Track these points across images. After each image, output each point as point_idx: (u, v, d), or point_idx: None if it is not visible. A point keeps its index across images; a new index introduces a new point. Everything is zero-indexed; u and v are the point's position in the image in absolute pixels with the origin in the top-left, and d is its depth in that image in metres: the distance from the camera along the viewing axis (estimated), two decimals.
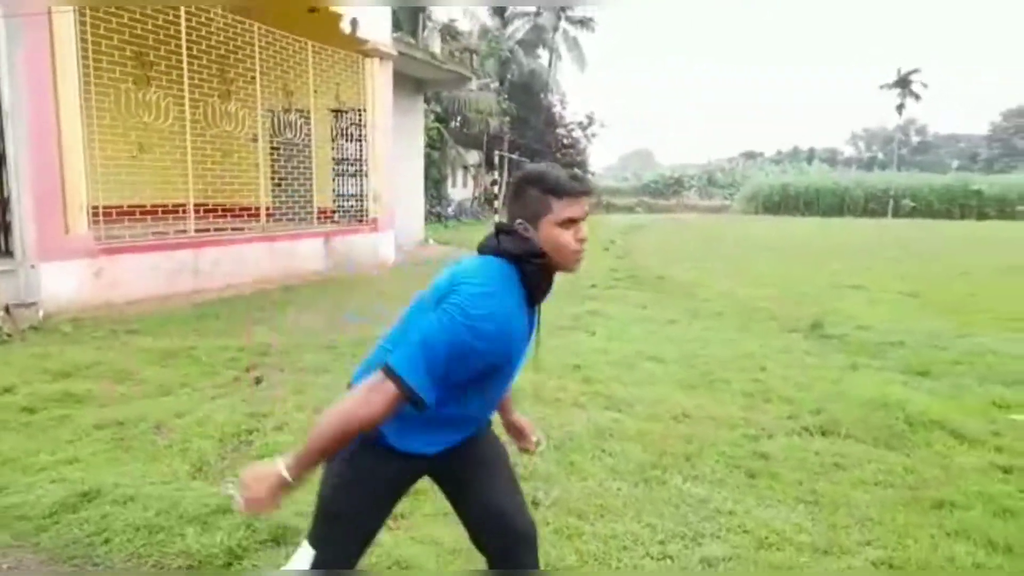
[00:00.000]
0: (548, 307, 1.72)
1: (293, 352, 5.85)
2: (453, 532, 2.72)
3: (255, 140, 9.65)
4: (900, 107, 48.37)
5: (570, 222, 1.57)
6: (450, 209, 27.24)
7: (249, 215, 9.38)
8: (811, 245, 17.49)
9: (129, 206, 7.73)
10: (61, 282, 6.66)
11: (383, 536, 2.68)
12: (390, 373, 1.49)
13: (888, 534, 2.87)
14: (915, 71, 47.51)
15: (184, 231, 8.32)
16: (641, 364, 5.56)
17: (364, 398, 1.51)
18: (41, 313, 6.32)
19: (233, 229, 9.03)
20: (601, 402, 4.59)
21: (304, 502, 2.96)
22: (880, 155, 78.93)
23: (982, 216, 34.51)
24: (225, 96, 9.07)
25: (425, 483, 1.90)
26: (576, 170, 1.65)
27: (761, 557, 2.68)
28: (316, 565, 1.73)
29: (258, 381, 4.99)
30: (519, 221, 1.60)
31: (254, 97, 9.35)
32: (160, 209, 8.16)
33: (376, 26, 11.20)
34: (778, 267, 12.52)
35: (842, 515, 3.04)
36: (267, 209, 9.71)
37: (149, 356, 5.50)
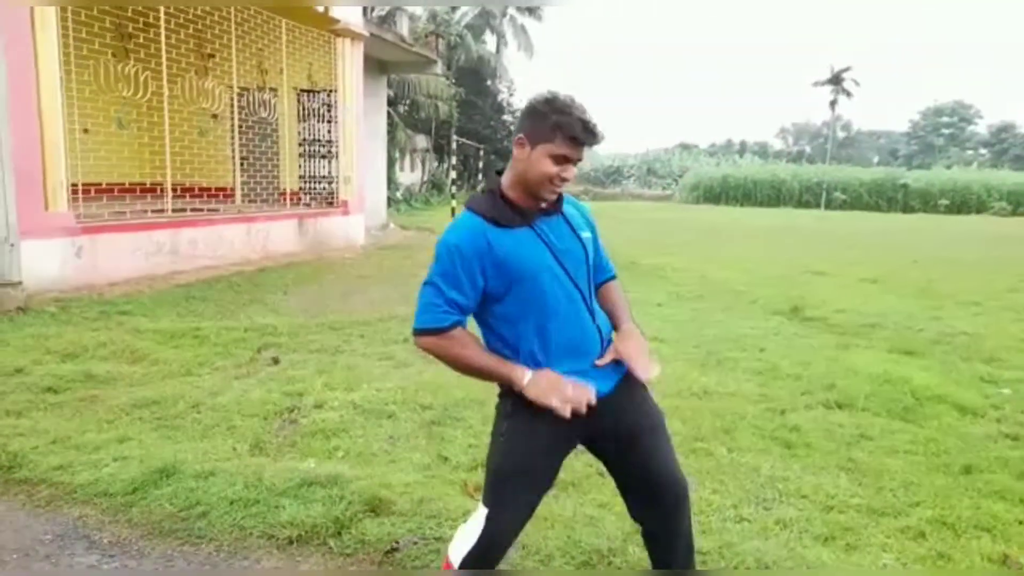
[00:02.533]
0: None
1: (300, 333, 5.80)
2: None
3: (224, 118, 9.39)
4: (833, 103, 50.23)
5: (563, 159, 1.72)
6: (399, 193, 27.01)
7: (224, 196, 9.14)
8: (764, 233, 18.13)
9: (107, 184, 7.43)
10: (42, 261, 6.39)
11: None
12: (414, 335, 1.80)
13: (931, 496, 3.10)
14: (847, 69, 49.43)
15: (162, 210, 8.05)
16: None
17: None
18: (25, 293, 6.04)
19: (209, 210, 8.79)
20: None
21: (395, 476, 3.01)
22: (808, 149, 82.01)
23: (908, 209, 36.34)
24: (202, 72, 8.79)
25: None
26: (591, 118, 1.73)
27: (829, 519, 2.87)
28: (488, 524, 1.79)
29: (276, 361, 4.94)
30: (520, 136, 1.75)
31: (230, 74, 9.09)
32: (138, 188, 7.87)
33: (348, 7, 11.01)
34: (741, 253, 12.97)
35: (885, 480, 3.27)
36: (241, 190, 9.48)
37: (155, 337, 5.36)
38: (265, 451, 3.36)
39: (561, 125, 1.69)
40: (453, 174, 24.70)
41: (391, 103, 27.27)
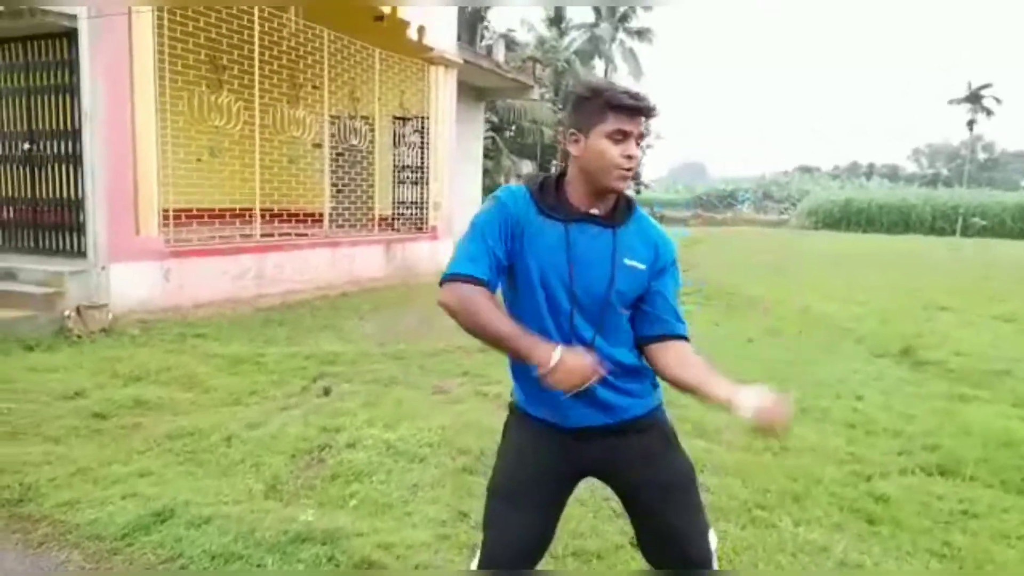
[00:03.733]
0: None
1: (361, 361, 5.70)
2: None
3: (319, 146, 9.62)
4: (971, 123, 46.42)
5: (621, 134, 1.60)
6: None
7: (312, 221, 9.34)
8: (886, 261, 16.72)
9: (197, 209, 7.73)
10: (131, 284, 6.66)
11: None
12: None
13: None
14: (987, 86, 45.65)
15: (250, 235, 8.30)
16: None
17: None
18: (110, 315, 6.31)
19: (297, 235, 8.99)
20: (688, 429, 4.26)
21: (402, 533, 2.76)
22: (944, 171, 76.12)
23: None
24: (294, 102, 9.05)
25: None
26: (637, 90, 1.61)
27: None
28: (483, 547, 1.74)
29: (327, 392, 4.83)
30: (572, 131, 1.66)
31: (321, 103, 9.32)
32: (227, 213, 8.15)
33: (442, 34, 11.11)
34: (855, 284, 11.93)
35: (988, 574, 2.68)
36: (330, 215, 9.66)
37: (218, 362, 5.41)
38: (280, 494, 3.20)
39: (608, 100, 1.60)
40: None
41: (497, 129, 27.62)
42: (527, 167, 33.88)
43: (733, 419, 4.07)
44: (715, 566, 1.79)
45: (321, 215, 9.44)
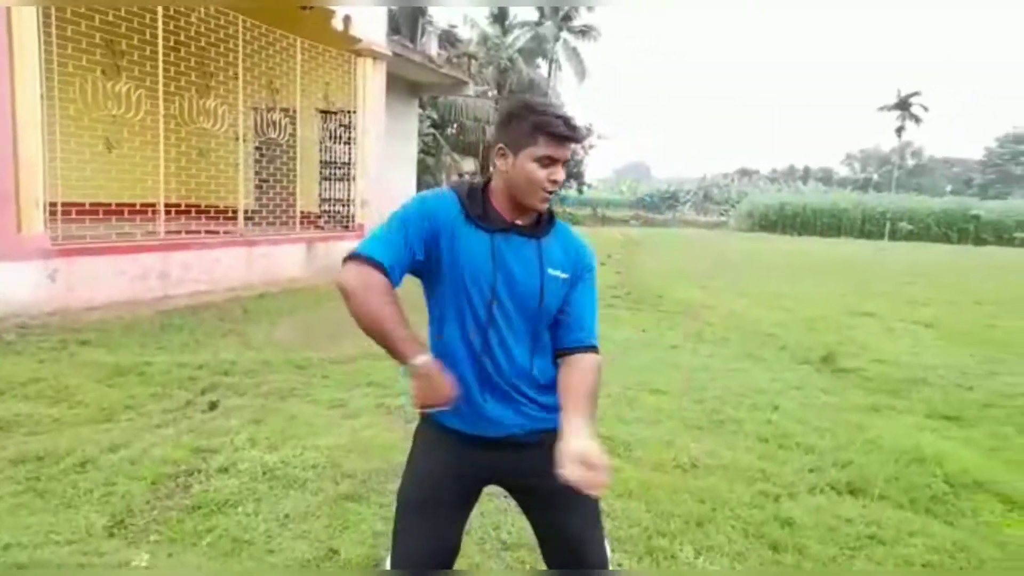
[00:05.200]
0: None
1: (259, 371, 5.30)
2: None
3: (237, 139, 9.11)
4: (900, 129, 48.13)
5: (549, 160, 1.61)
6: None
7: (226, 218, 8.83)
8: (815, 266, 17.02)
9: (92, 204, 7.17)
10: (10, 286, 6.10)
11: None
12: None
13: None
14: (915, 94, 47.38)
15: (153, 233, 7.75)
16: (643, 398, 5.04)
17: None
18: None
19: (207, 232, 8.48)
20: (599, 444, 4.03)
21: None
22: (875, 176, 78.97)
23: (979, 241, 34.22)
24: (204, 91, 8.52)
25: None
26: (569, 115, 1.61)
27: None
28: (392, 552, 1.75)
29: (213, 406, 4.43)
30: (500, 146, 1.64)
31: (236, 93, 8.81)
32: (127, 209, 7.59)
33: (370, 25, 10.71)
34: (784, 288, 12.02)
35: None
36: (246, 212, 9.16)
37: (97, 372, 4.94)
38: (126, 530, 2.82)
39: (541, 125, 1.60)
40: None
41: (438, 126, 27.20)
42: (469, 164, 33.52)
43: (644, 435, 3.83)
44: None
45: (235, 212, 8.93)
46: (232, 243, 8.63)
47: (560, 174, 1.64)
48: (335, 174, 11.09)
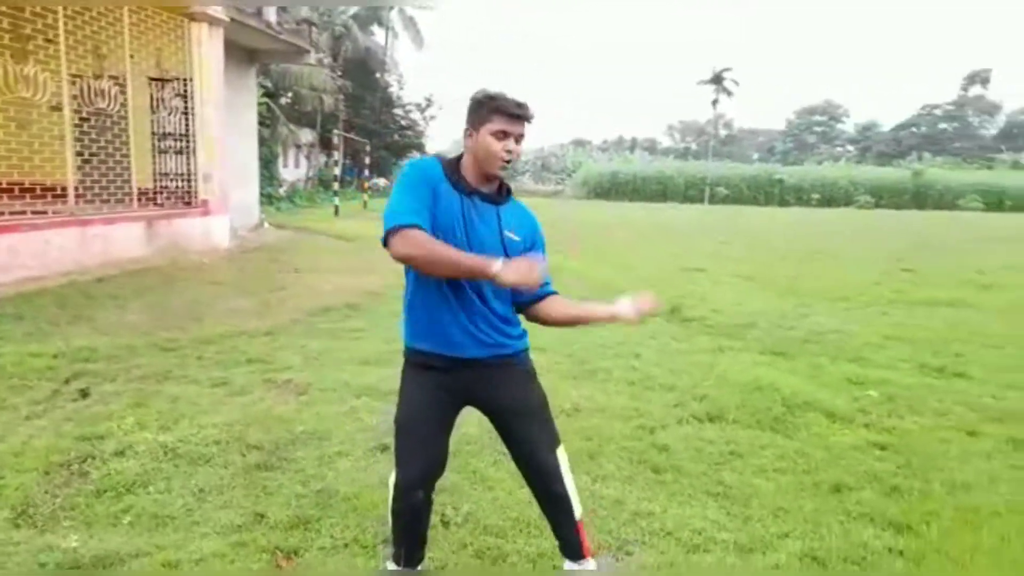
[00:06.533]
0: None
1: (124, 356, 5.05)
2: None
3: (58, 109, 8.29)
4: (715, 102, 52.22)
5: (503, 134, 1.98)
6: (282, 190, 25.64)
7: (54, 196, 8.07)
8: (648, 229, 18.35)
9: None
10: None
11: None
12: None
13: (801, 523, 2.88)
14: (727, 69, 51.53)
15: None
16: None
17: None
18: None
19: (34, 212, 7.72)
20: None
21: (190, 547, 2.46)
22: (694, 146, 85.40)
23: (783, 203, 38.34)
24: (21, 56, 7.67)
25: None
26: (521, 100, 2.01)
27: (695, 561, 2.57)
28: (396, 471, 2.13)
29: (84, 394, 4.21)
30: (468, 128, 2.04)
31: (57, 59, 8.01)
32: None
33: None
34: (623, 250, 12.95)
35: (754, 507, 3.03)
36: (76, 189, 8.41)
37: None
38: (33, 520, 2.71)
39: (496, 107, 1.98)
40: (337, 170, 23.58)
41: (271, 95, 25.85)
42: (306, 135, 32.26)
43: None
44: (565, 474, 2.21)
45: (64, 189, 8.18)
46: (63, 223, 7.93)
47: (513, 146, 1.99)
48: (172, 147, 10.40)
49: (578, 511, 2.27)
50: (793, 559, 2.61)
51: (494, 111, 1.97)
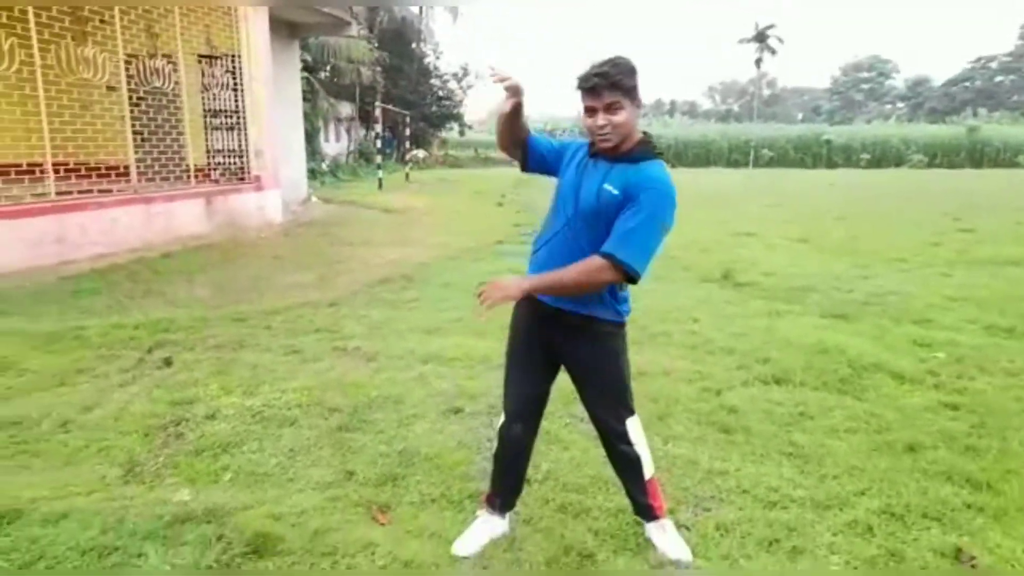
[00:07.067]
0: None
1: (199, 327, 5.26)
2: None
3: (114, 89, 8.52)
4: (758, 61, 50.80)
5: (589, 110, 2.04)
6: (324, 164, 25.91)
7: (117, 175, 8.34)
8: (695, 195, 18.10)
9: None
10: None
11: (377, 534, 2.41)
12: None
13: (877, 482, 2.91)
14: (771, 26, 49.96)
15: (43, 194, 7.25)
16: None
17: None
18: None
19: (100, 191, 8.00)
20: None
21: (289, 501, 2.62)
22: (735, 107, 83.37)
23: (831, 164, 37.32)
24: (81, 38, 7.89)
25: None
26: (593, 69, 1.99)
27: (772, 518, 2.63)
28: (504, 399, 2.40)
29: (168, 362, 4.42)
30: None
31: (114, 40, 8.22)
32: (13, 170, 7.03)
33: None
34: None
35: (828, 466, 3.06)
36: (137, 167, 8.68)
37: (28, 341, 4.74)
38: (140, 477, 2.90)
39: (578, 85, 2.02)
40: (379, 143, 23.72)
41: (310, 69, 25.99)
42: (346, 109, 32.42)
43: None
44: (632, 434, 2.30)
45: (127, 168, 8.45)
46: (128, 201, 8.21)
47: (602, 119, 2.02)
48: (224, 123, 10.62)
49: (648, 471, 2.35)
50: (871, 515, 2.65)
51: (579, 90, 2.02)
